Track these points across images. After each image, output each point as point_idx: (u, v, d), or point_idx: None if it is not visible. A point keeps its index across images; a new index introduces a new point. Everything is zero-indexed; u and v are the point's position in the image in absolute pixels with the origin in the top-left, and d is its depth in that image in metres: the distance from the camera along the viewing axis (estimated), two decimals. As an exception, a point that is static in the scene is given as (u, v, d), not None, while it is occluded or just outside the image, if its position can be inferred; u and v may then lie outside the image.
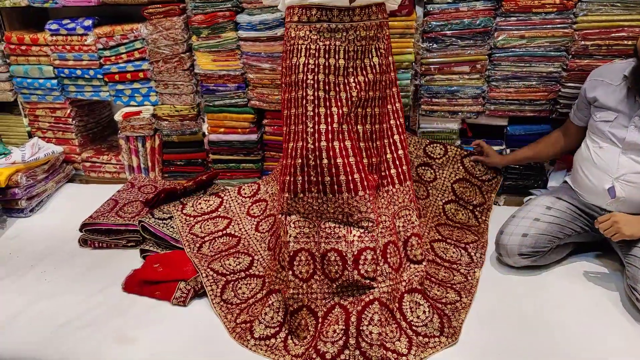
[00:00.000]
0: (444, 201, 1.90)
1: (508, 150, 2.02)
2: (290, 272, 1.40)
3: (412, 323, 1.37)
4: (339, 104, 1.41)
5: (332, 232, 1.41)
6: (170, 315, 1.48)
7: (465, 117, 2.03)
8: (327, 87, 1.41)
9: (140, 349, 1.35)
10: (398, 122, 1.56)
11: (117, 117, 2.26)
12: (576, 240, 1.64)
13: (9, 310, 1.53)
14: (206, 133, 2.24)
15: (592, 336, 1.34)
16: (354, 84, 1.43)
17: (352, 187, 1.39)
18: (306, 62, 1.40)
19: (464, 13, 1.84)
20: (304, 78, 1.40)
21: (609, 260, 1.65)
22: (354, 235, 1.40)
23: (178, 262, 1.65)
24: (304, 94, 1.41)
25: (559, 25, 1.80)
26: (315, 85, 1.40)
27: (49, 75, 2.25)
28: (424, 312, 1.39)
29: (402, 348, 1.29)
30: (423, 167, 1.95)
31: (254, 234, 1.78)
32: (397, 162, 1.55)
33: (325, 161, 1.38)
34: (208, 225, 1.83)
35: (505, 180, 2.06)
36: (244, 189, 1.98)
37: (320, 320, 1.36)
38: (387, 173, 1.54)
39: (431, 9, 1.86)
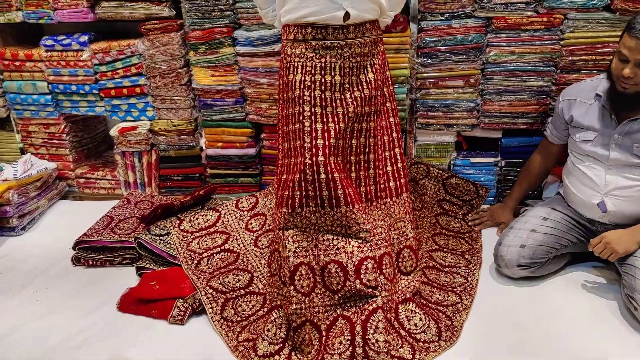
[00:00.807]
0: (435, 214, 1.94)
1: (503, 162, 2.05)
2: (292, 287, 1.37)
3: (411, 331, 1.38)
4: (335, 119, 1.42)
5: (331, 245, 1.40)
6: (167, 334, 1.43)
7: (460, 130, 2.05)
8: (323, 103, 1.42)
9: (138, 370, 1.30)
10: (399, 135, 1.57)
11: (113, 132, 2.23)
12: (573, 250, 1.65)
13: (1, 331, 1.47)
14: (204, 148, 2.22)
15: (591, 345, 1.34)
16: (350, 100, 1.43)
17: (349, 200, 1.39)
18: (302, 79, 1.41)
19: (456, 30, 1.88)
20: (301, 94, 1.41)
21: (606, 269, 1.66)
22: (353, 246, 1.40)
23: (175, 279, 1.61)
24: (301, 110, 1.41)
25: (547, 42, 1.85)
26: (312, 102, 1.41)
27: (43, 91, 2.22)
28: (420, 319, 1.40)
29: (406, 354, 1.30)
30: (412, 182, 1.98)
31: (253, 250, 1.74)
32: (396, 175, 1.56)
33: (323, 176, 1.38)
34: (206, 241, 1.78)
35: (502, 192, 2.08)
36: (241, 202, 1.94)
37: (324, 333, 1.34)
38: (386, 185, 1.54)
39: (425, 26, 1.90)
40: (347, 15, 1.35)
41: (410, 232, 1.53)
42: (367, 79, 1.45)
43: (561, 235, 1.59)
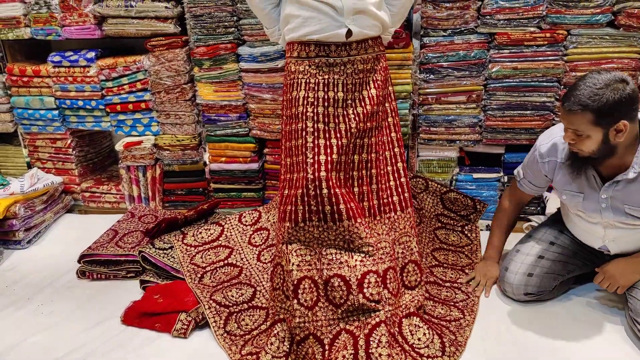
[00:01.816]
0: (433, 228, 2.00)
1: (506, 178, 2.12)
2: (296, 301, 1.44)
3: (414, 345, 1.43)
4: (338, 135, 1.49)
5: (334, 259, 1.47)
6: (171, 347, 1.50)
7: (463, 146, 2.13)
8: (326, 119, 1.49)
9: (142, 383, 1.37)
10: (402, 150, 1.64)
11: (118, 147, 2.33)
12: (579, 273, 1.67)
13: (6, 343, 1.55)
14: (207, 162, 2.32)
15: (595, 366, 1.38)
16: (352, 116, 1.51)
17: (351, 215, 1.46)
18: (306, 95, 1.49)
19: (458, 45, 1.97)
20: (304, 111, 1.49)
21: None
22: (356, 260, 1.46)
23: (179, 292, 1.68)
24: (304, 126, 1.49)
25: (550, 58, 1.92)
26: (315, 118, 1.48)
27: (50, 106, 2.33)
28: (424, 334, 1.46)
29: None
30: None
31: (256, 264, 1.82)
32: (400, 190, 1.63)
33: (325, 191, 1.45)
34: (209, 255, 1.86)
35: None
36: (244, 217, 2.03)
37: (327, 347, 1.40)
38: (390, 200, 1.61)
39: (427, 42, 1.99)
40: (349, 33, 1.43)
41: (415, 247, 1.60)
42: (370, 94, 1.53)
43: (567, 261, 1.62)
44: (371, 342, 1.37)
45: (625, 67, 1.87)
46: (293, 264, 1.47)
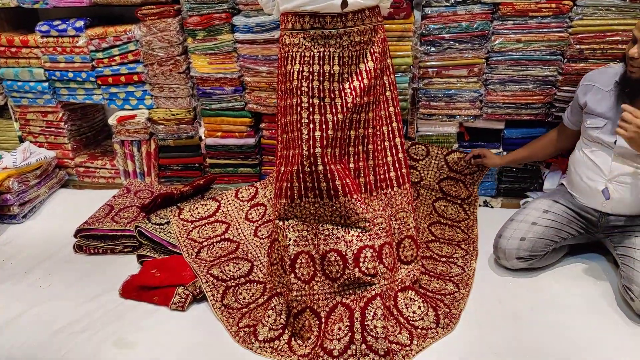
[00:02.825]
0: (432, 199, 2.07)
1: (505, 153, 2.15)
2: (292, 275, 1.51)
3: (409, 318, 1.52)
4: (334, 110, 1.51)
5: (331, 234, 1.53)
6: (169, 320, 1.58)
7: (462, 121, 2.16)
8: (322, 94, 1.51)
9: (140, 353, 1.45)
10: (400, 125, 1.68)
11: (112, 121, 2.36)
12: (572, 242, 1.78)
13: (4, 316, 1.62)
14: (203, 137, 2.35)
15: (587, 335, 1.47)
16: (349, 90, 1.52)
17: (347, 191, 1.51)
18: (301, 69, 1.50)
19: (461, 16, 1.96)
20: (299, 85, 1.50)
21: (604, 260, 1.79)
22: (352, 235, 1.52)
23: (176, 267, 1.75)
24: (299, 101, 1.51)
25: (554, 29, 1.93)
26: (310, 93, 1.50)
27: (40, 78, 2.34)
28: (419, 307, 1.54)
29: (404, 339, 1.44)
30: (410, 169, 2.08)
31: (252, 239, 1.88)
32: (397, 165, 1.67)
33: (320, 167, 1.49)
34: (206, 230, 1.93)
35: (502, 182, 2.21)
36: (241, 192, 2.08)
37: (323, 320, 1.48)
38: (387, 176, 1.66)
39: (429, 12, 1.99)
40: (344, 3, 1.42)
41: (412, 223, 1.66)
42: (367, 67, 1.53)
43: (561, 228, 1.71)
44: (367, 315, 1.44)
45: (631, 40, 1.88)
46: (290, 239, 1.53)
